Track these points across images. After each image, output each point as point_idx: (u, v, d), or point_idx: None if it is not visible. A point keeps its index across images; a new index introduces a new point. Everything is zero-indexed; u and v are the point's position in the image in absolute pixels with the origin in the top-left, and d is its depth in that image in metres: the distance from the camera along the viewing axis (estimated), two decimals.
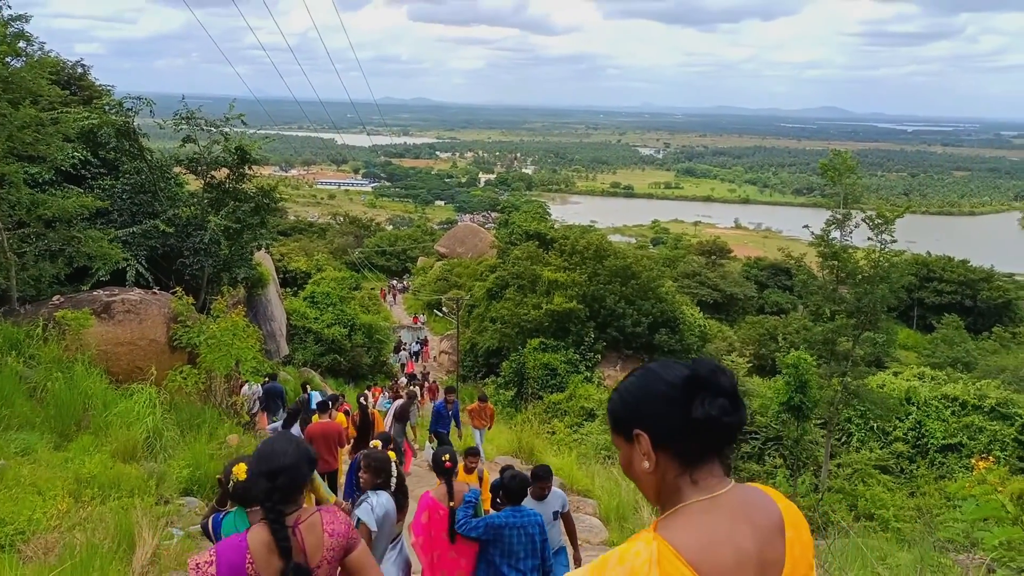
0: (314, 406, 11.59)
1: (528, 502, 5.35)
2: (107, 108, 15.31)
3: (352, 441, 10.55)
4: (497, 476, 5.58)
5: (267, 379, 14.11)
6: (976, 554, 6.82)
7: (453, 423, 12.55)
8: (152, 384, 9.81)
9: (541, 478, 5.60)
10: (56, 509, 6.15)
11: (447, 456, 4.93)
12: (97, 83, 17.52)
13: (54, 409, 8.61)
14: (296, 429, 9.42)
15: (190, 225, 15.28)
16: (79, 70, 17.28)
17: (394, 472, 4.85)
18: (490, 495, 5.75)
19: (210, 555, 2.54)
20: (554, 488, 5.84)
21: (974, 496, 5.17)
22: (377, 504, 4.58)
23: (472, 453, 7.01)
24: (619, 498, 9.10)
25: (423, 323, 43.45)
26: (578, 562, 5.99)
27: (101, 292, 11.99)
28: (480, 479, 6.71)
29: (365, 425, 10.77)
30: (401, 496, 5.02)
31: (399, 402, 12.80)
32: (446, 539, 4.69)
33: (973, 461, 4.66)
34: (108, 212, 14.35)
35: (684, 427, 1.50)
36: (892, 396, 19.70)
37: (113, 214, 14.59)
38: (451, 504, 4.73)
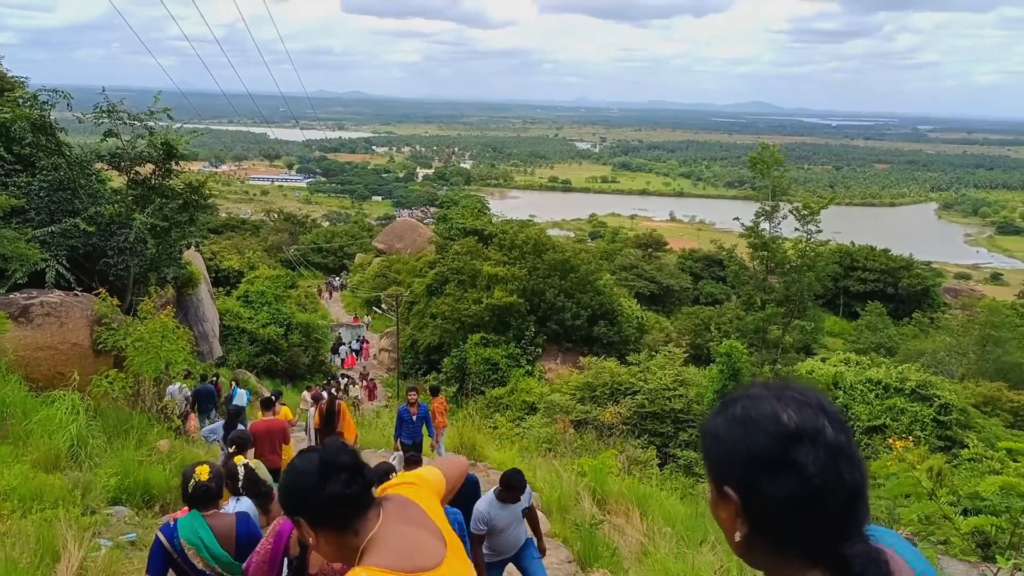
0: (236, 402, 11.38)
1: (496, 509, 5.45)
2: (21, 101, 14.53)
3: (318, 432, 10.52)
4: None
5: (201, 380, 13.75)
6: (898, 529, 7.16)
7: (425, 429, 10.67)
8: (75, 390, 9.40)
9: (516, 488, 5.52)
10: None
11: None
12: (9, 74, 16.63)
13: None
14: (240, 430, 9.20)
15: (114, 223, 14.66)
16: None
17: (241, 474, 4.98)
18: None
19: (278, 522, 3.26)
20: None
21: (895, 474, 5.43)
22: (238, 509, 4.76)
23: (413, 461, 6.71)
24: (560, 490, 9.20)
25: (367, 323, 42.88)
26: (542, 552, 6.04)
27: (18, 295, 11.43)
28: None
29: (331, 416, 10.66)
30: (258, 499, 5.01)
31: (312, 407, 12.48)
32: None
33: (890, 441, 4.90)
34: (24, 211, 13.67)
35: (322, 505, 1.85)
36: (820, 381, 20.48)
37: (30, 213, 13.89)
38: None
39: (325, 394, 11.12)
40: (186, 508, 4.03)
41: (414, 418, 10.14)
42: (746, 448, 1.21)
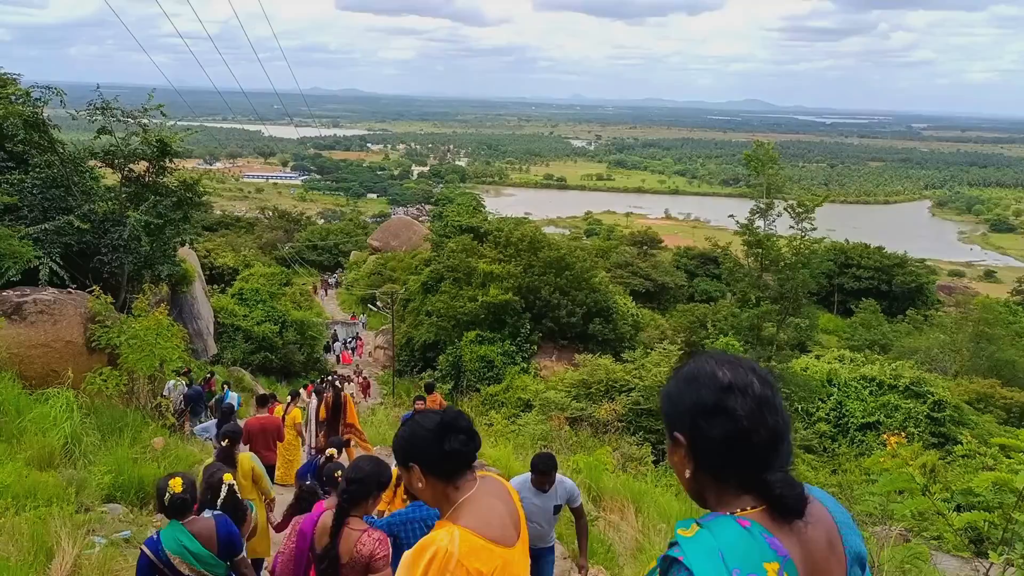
0: (227, 402, 11.42)
1: (528, 494, 5.09)
2: (13, 98, 14.46)
3: (324, 424, 10.61)
4: None
5: (189, 384, 13.84)
6: (892, 525, 7.19)
7: None
8: (69, 388, 9.37)
9: (543, 472, 5.14)
10: None
11: (338, 472, 4.96)
12: (2, 71, 16.55)
13: None
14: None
15: (108, 221, 14.60)
16: None
17: (223, 494, 4.83)
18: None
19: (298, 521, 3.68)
20: (563, 479, 5.37)
21: (888, 470, 5.45)
22: None
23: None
24: None
25: (364, 322, 42.80)
26: (582, 569, 5.65)
27: (11, 292, 11.39)
28: None
29: (337, 408, 10.85)
30: (232, 512, 4.85)
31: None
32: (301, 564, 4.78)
33: (884, 436, 4.91)
34: (17, 208, 13.61)
35: (439, 456, 2.19)
36: (815, 378, 20.55)
37: (23, 210, 13.83)
38: None
39: (337, 383, 11.26)
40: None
41: None
42: (691, 399, 1.50)
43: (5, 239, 11.57)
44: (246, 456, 6.21)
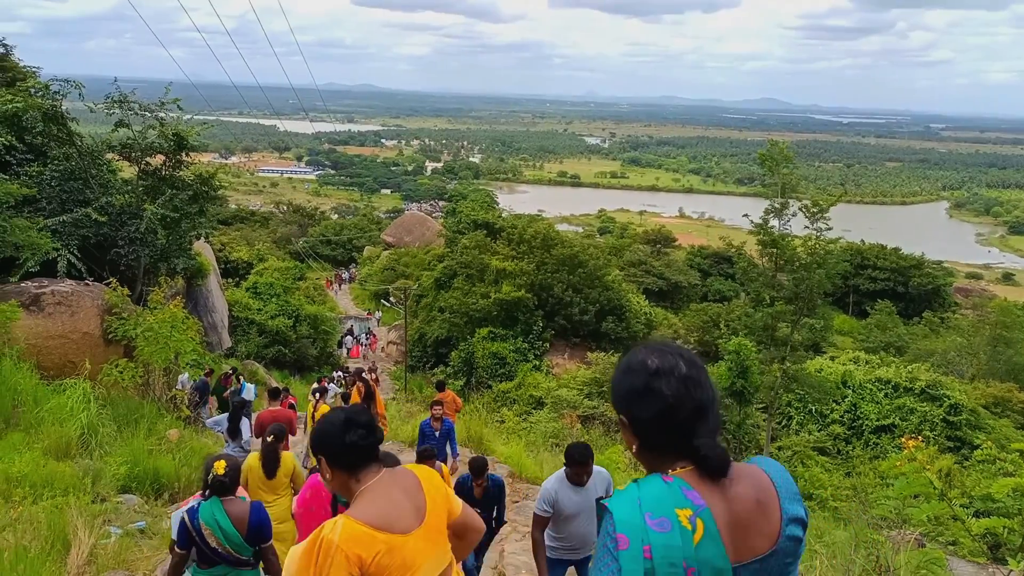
0: (244, 396, 11.47)
1: (565, 490, 4.76)
2: (33, 91, 14.59)
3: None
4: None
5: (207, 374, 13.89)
6: (907, 530, 7.12)
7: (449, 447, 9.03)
8: (86, 379, 9.46)
9: (578, 463, 4.72)
10: None
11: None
12: (21, 64, 16.70)
13: None
14: (246, 424, 9.22)
15: (124, 214, 14.71)
16: (1, 50, 16.45)
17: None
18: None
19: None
20: (598, 469, 4.89)
21: (904, 474, 5.39)
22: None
23: (478, 469, 6.08)
24: None
25: (378, 318, 42.90)
26: None
27: (30, 283, 11.50)
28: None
29: (369, 399, 11.09)
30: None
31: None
32: (325, 515, 4.94)
33: (902, 440, 4.85)
34: (36, 200, 13.73)
35: (340, 449, 2.36)
36: (829, 380, 20.39)
37: (41, 202, 13.96)
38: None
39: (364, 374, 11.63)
40: (197, 494, 4.63)
41: (437, 434, 8.98)
42: (626, 386, 1.73)
43: (24, 231, 11.69)
44: (289, 455, 6.26)
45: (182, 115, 16.22)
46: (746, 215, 20.34)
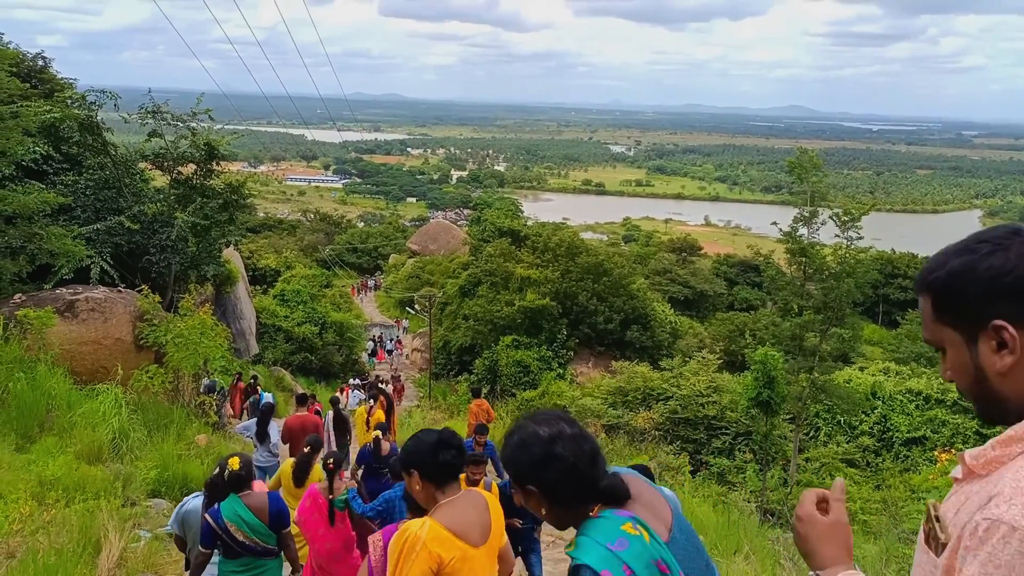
0: (266, 401, 11.59)
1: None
2: (69, 102, 14.94)
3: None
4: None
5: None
6: None
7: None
8: (118, 384, 9.63)
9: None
10: (19, 513, 6.02)
11: (331, 460, 5.35)
12: (59, 76, 17.11)
13: (16, 410, 8.41)
14: (274, 427, 9.32)
15: (156, 222, 14.99)
16: (40, 63, 16.86)
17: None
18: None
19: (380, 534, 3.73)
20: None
21: (937, 488, 5.29)
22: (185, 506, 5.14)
23: (475, 462, 6.02)
24: None
25: (406, 326, 43.14)
26: None
27: (64, 290, 11.74)
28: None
29: (390, 411, 11.33)
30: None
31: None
32: (323, 522, 5.22)
33: (936, 453, 4.76)
34: (71, 208, 14.03)
35: (435, 465, 2.69)
36: (858, 391, 20.00)
37: (76, 210, 14.26)
38: (330, 496, 5.24)
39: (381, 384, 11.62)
40: (196, 494, 5.04)
41: None
42: (527, 459, 1.89)
43: (59, 238, 11.94)
44: (319, 468, 6.36)
45: (213, 125, 16.51)
46: (775, 223, 20.12)
